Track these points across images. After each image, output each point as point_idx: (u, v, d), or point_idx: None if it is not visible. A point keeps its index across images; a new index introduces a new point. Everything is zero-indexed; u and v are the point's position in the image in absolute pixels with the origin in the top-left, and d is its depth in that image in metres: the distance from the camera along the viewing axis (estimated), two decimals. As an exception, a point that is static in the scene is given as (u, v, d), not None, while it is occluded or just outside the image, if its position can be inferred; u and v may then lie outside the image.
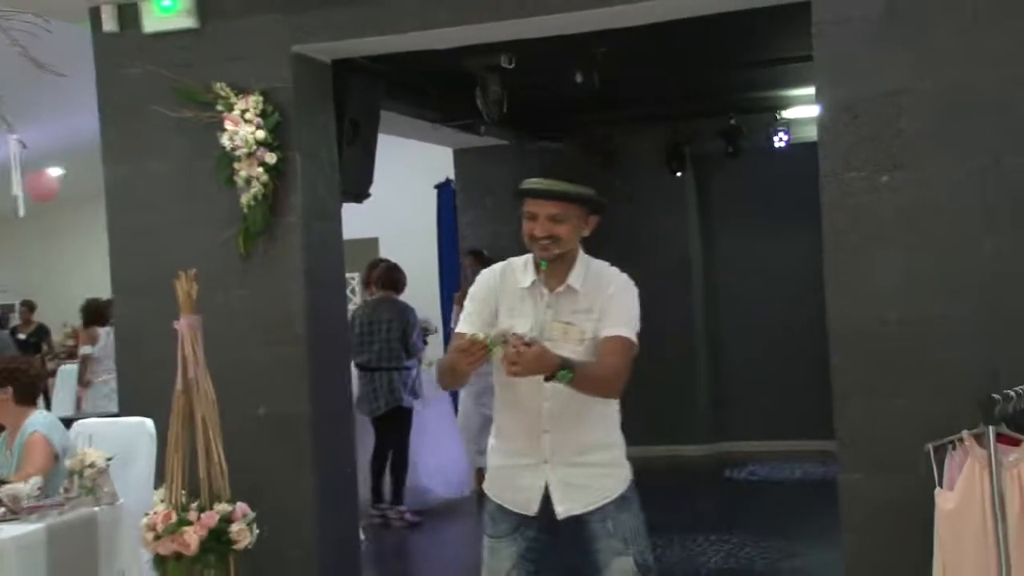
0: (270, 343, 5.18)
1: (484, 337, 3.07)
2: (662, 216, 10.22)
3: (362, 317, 7.87)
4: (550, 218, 3.25)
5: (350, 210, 5.92)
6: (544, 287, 3.34)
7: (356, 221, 6.76)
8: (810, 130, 7.95)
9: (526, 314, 3.32)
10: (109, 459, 4.44)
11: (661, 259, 10.10)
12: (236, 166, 5.10)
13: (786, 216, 9.80)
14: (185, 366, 4.23)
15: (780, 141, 9.64)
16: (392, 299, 8.00)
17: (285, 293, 5.18)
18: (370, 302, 8.11)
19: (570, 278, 3.34)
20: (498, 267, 3.44)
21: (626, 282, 3.38)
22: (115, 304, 5.55)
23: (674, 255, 10.18)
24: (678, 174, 10.10)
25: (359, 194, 6.33)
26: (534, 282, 3.34)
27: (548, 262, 3.29)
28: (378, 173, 6.55)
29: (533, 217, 3.27)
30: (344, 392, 5.60)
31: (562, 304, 3.33)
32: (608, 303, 3.31)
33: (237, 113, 5.07)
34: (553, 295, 3.33)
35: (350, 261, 6.01)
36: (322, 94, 5.43)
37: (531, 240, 3.30)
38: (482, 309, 3.35)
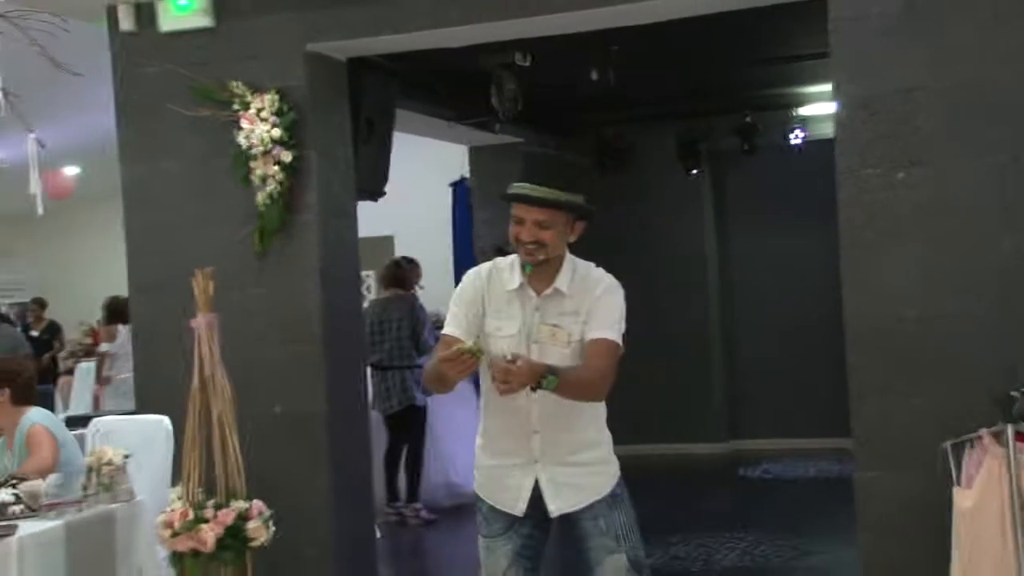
0: (286, 341, 5.20)
1: (474, 346, 3.08)
2: (677, 214, 10.20)
3: (372, 316, 7.82)
4: (536, 223, 3.28)
5: (365, 208, 5.93)
6: (531, 290, 3.36)
7: (371, 219, 6.76)
8: (827, 127, 7.92)
9: (513, 316, 3.35)
10: (126, 456, 4.45)
11: (676, 257, 10.09)
12: (252, 164, 5.11)
13: (802, 213, 9.78)
14: (202, 364, 4.25)
15: (796, 138, 9.62)
16: (400, 296, 7.97)
17: (301, 291, 5.19)
18: (379, 300, 8.08)
19: (557, 281, 3.35)
20: (484, 268, 3.46)
21: (612, 284, 3.40)
22: (132, 302, 5.57)
23: (689, 253, 10.15)
24: (693, 172, 10.07)
25: (374, 192, 6.34)
26: (521, 284, 3.36)
27: (533, 266, 3.32)
28: (393, 171, 6.55)
29: (520, 221, 3.30)
30: (360, 390, 5.61)
31: (549, 307, 3.35)
32: (594, 305, 3.33)
33: (253, 112, 5.09)
34: (540, 298, 3.35)
35: (365, 259, 6.02)
36: (337, 92, 5.44)
37: (517, 243, 3.33)
38: (468, 311, 3.37)
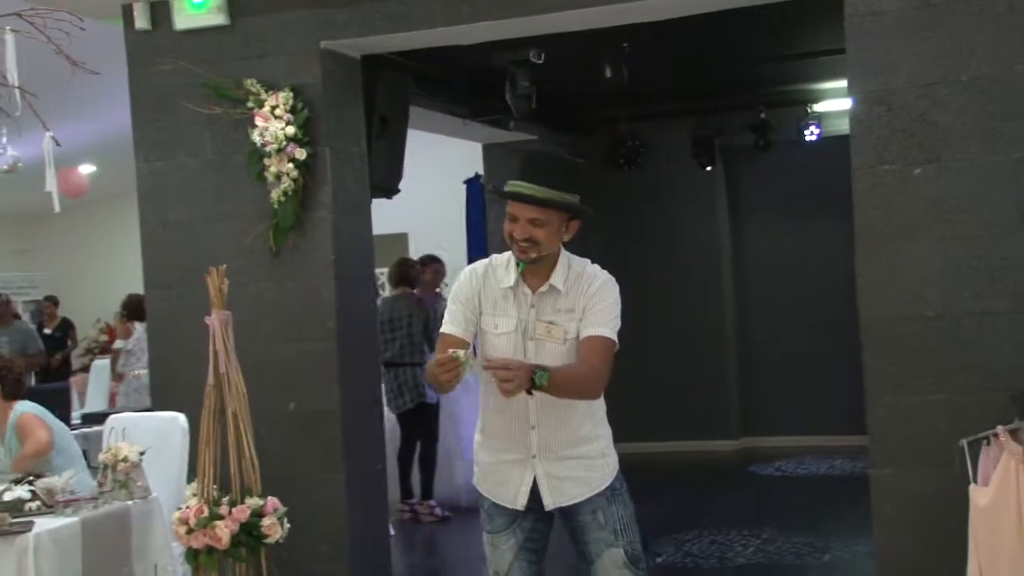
0: (300, 338, 5.21)
1: (461, 355, 3.10)
2: (691, 210, 10.17)
3: (381, 314, 7.81)
4: (530, 221, 3.29)
5: (379, 206, 5.93)
6: (526, 287, 3.38)
7: (385, 217, 6.76)
8: (841, 123, 7.88)
9: (509, 313, 3.36)
10: (142, 453, 4.47)
11: (690, 253, 10.06)
12: (266, 162, 5.12)
13: (816, 210, 9.75)
14: (216, 361, 4.25)
15: (811, 135, 9.59)
16: (408, 294, 7.98)
17: (315, 288, 5.20)
18: (388, 299, 8.08)
19: (552, 278, 3.37)
20: (480, 266, 3.47)
21: (607, 281, 3.40)
22: (147, 299, 5.58)
23: (703, 249, 10.13)
24: (707, 168, 10.05)
25: (388, 189, 6.34)
26: (516, 282, 3.37)
27: (526, 264, 3.33)
28: (407, 169, 6.55)
29: (514, 219, 3.32)
30: (373, 387, 5.61)
31: (545, 304, 3.36)
32: (589, 302, 3.34)
33: (267, 109, 5.09)
34: (536, 295, 3.37)
35: (379, 257, 6.02)
36: (351, 90, 5.44)
37: (511, 241, 3.34)
38: (465, 309, 3.39)
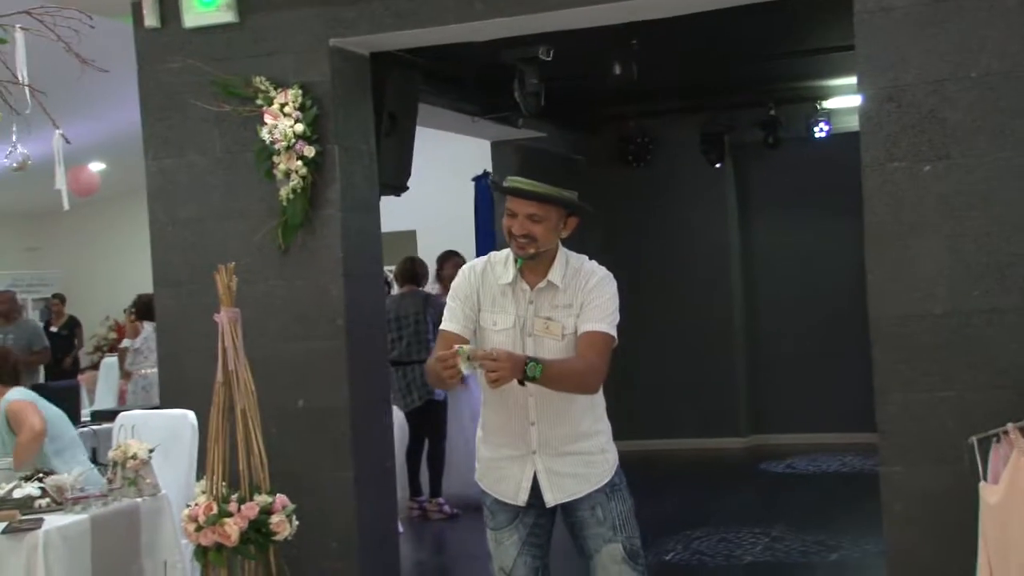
0: (309, 336, 5.21)
1: (467, 350, 3.10)
2: (700, 207, 10.16)
3: (388, 313, 7.78)
4: (528, 217, 3.32)
5: (388, 203, 5.94)
6: (525, 283, 3.40)
7: (394, 214, 6.77)
8: (851, 120, 7.86)
9: (507, 309, 3.39)
10: (151, 451, 4.48)
11: (699, 250, 10.05)
12: (275, 159, 5.12)
13: (826, 207, 9.73)
14: (225, 358, 4.25)
15: (821, 131, 9.57)
16: (415, 291, 7.98)
17: (323, 285, 5.20)
18: (394, 297, 8.08)
19: (550, 274, 3.39)
20: (479, 263, 3.50)
21: (605, 276, 3.43)
22: (156, 297, 5.59)
23: (712, 246, 10.12)
24: (717, 165, 10.04)
25: (397, 187, 6.34)
26: (515, 278, 3.40)
27: (524, 259, 3.35)
28: (416, 166, 6.55)
29: (512, 215, 3.34)
30: (382, 384, 5.62)
31: (543, 299, 3.39)
32: (588, 298, 3.37)
33: (276, 107, 5.09)
34: (534, 291, 3.39)
35: (387, 254, 6.02)
36: (360, 87, 5.44)
37: (509, 237, 3.37)
38: (464, 305, 3.42)
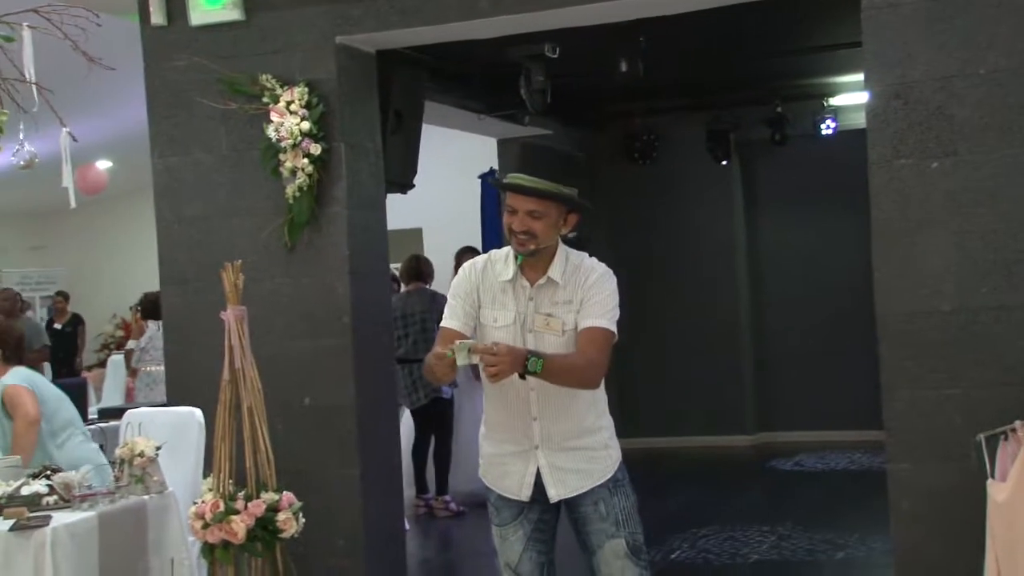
0: (315, 333, 5.21)
1: (458, 347, 3.11)
2: (707, 204, 10.15)
3: (395, 311, 7.78)
4: (528, 214, 3.32)
5: (394, 201, 5.93)
6: (525, 280, 3.41)
7: (400, 212, 6.76)
8: (857, 117, 7.85)
9: (508, 306, 3.41)
10: (158, 448, 4.48)
11: (705, 248, 10.04)
12: (281, 157, 5.13)
13: (832, 204, 9.71)
14: (232, 356, 4.26)
15: (827, 128, 9.56)
16: (421, 289, 7.98)
17: (330, 283, 5.20)
18: (401, 295, 8.08)
19: (551, 270, 3.40)
20: (479, 261, 3.51)
21: (605, 273, 3.44)
22: (162, 295, 5.60)
23: (718, 243, 10.10)
24: (723, 162, 10.03)
25: (403, 184, 6.34)
26: (515, 275, 3.41)
27: (525, 256, 3.37)
28: (422, 164, 6.55)
29: (513, 211, 3.35)
30: (389, 382, 5.62)
31: (543, 296, 3.40)
32: (588, 294, 3.38)
33: (282, 105, 5.10)
34: (534, 287, 3.41)
35: (393, 252, 6.02)
36: (367, 85, 5.44)
37: (509, 234, 3.38)
38: (464, 303, 3.44)
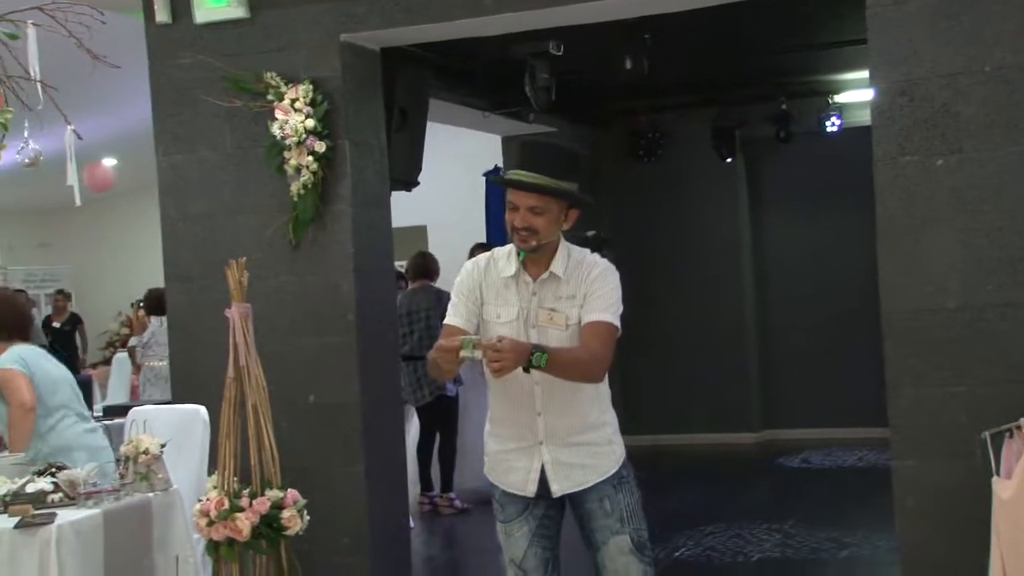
0: (320, 331, 5.21)
1: (466, 341, 3.13)
2: (712, 202, 10.15)
3: (400, 308, 7.80)
4: (529, 209, 3.34)
5: (399, 198, 5.93)
6: (527, 275, 3.43)
7: (405, 209, 6.76)
8: (863, 114, 7.84)
9: (511, 302, 3.43)
10: (163, 446, 4.48)
11: (710, 245, 10.04)
12: (286, 155, 5.12)
13: (838, 201, 9.71)
14: (236, 354, 4.26)
15: (832, 126, 9.55)
16: (427, 287, 7.98)
17: (334, 281, 5.20)
18: (407, 292, 8.09)
19: (553, 266, 3.42)
20: (482, 258, 3.53)
21: (607, 267, 3.46)
22: (167, 292, 5.60)
23: (723, 241, 10.10)
24: (728, 159, 10.02)
25: (408, 182, 6.35)
26: (517, 271, 3.43)
27: (527, 252, 3.38)
28: (426, 161, 6.55)
29: (514, 208, 3.37)
30: (393, 379, 5.62)
31: (546, 291, 3.42)
32: (590, 288, 3.40)
33: (287, 102, 5.09)
34: (537, 282, 3.43)
35: (398, 249, 6.02)
36: (371, 82, 5.44)
37: (511, 231, 3.39)
38: (467, 300, 3.46)
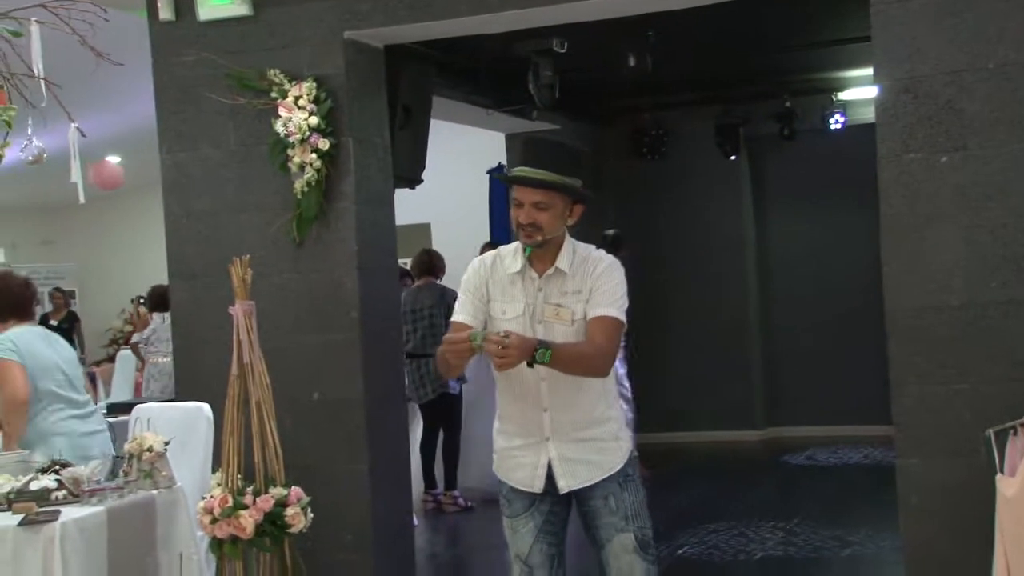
0: (324, 328, 5.21)
1: (475, 335, 3.16)
2: (715, 199, 10.14)
3: (404, 305, 7.80)
4: (534, 205, 3.37)
5: (402, 196, 5.94)
6: (533, 271, 3.46)
7: (408, 207, 6.76)
8: (867, 111, 7.83)
9: (517, 297, 3.46)
10: (167, 443, 4.48)
11: (714, 243, 10.03)
12: (290, 152, 5.12)
13: (841, 199, 9.70)
14: (240, 351, 4.26)
15: (836, 123, 9.54)
16: (431, 284, 7.98)
17: (338, 278, 5.21)
18: (411, 289, 8.09)
19: (558, 261, 3.45)
20: (488, 256, 3.56)
21: (612, 263, 3.49)
22: (171, 290, 5.61)
23: (727, 239, 10.09)
24: (732, 157, 10.01)
25: (412, 180, 6.35)
26: (523, 267, 3.46)
27: (532, 248, 3.41)
28: (430, 159, 6.55)
29: (519, 204, 3.39)
30: (397, 377, 5.62)
31: (552, 287, 3.45)
32: (596, 284, 3.42)
33: (291, 100, 5.09)
34: (543, 278, 3.45)
35: (402, 247, 6.03)
36: (375, 80, 5.44)
37: (517, 227, 3.42)
38: (474, 297, 3.49)
